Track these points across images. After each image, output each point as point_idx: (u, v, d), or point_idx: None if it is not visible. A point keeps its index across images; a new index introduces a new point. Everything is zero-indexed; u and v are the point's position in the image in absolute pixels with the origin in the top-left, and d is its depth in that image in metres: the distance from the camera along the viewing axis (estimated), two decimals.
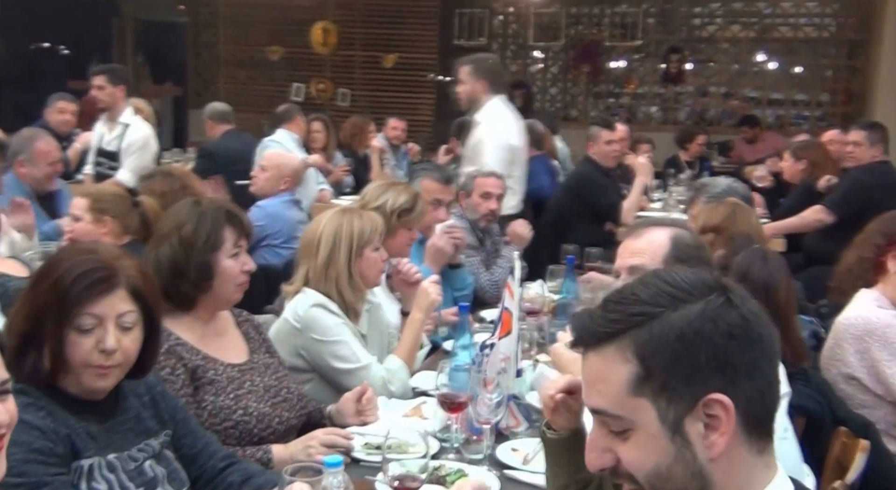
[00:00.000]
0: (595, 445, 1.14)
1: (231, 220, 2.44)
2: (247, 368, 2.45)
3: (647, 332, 1.08)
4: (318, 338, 2.77)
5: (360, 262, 2.86)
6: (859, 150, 5.27)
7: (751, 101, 10.51)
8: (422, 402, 2.65)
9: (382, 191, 3.43)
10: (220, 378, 2.37)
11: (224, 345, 2.46)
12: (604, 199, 5.65)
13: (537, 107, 10.95)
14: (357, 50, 10.81)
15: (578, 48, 10.74)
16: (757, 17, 10.32)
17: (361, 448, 2.35)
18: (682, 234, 2.30)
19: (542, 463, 2.25)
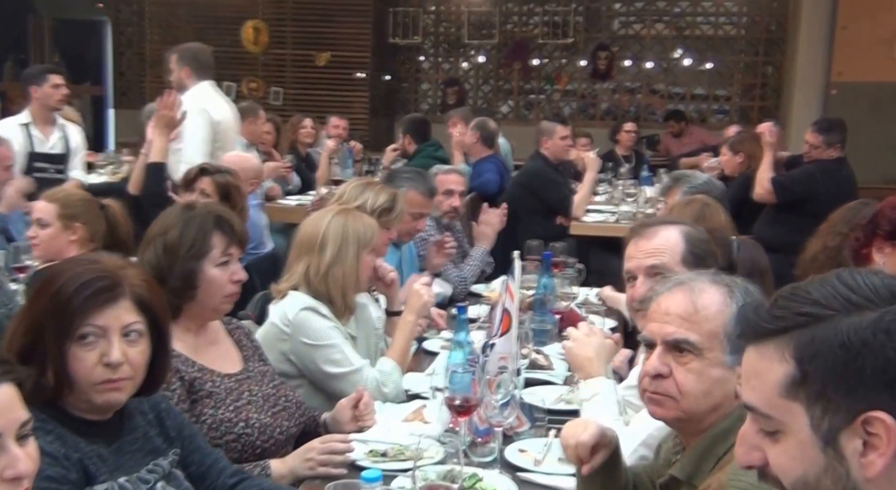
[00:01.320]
0: (745, 440, 1.11)
1: (220, 226, 2.35)
2: (243, 378, 2.38)
3: (809, 334, 1.02)
4: (309, 342, 2.72)
5: (360, 264, 2.83)
6: (816, 152, 5.45)
7: (675, 96, 10.73)
8: (421, 405, 2.60)
9: (361, 190, 3.40)
10: (219, 390, 2.29)
11: (218, 354, 2.39)
12: (556, 193, 5.72)
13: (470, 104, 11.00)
14: (288, 48, 10.67)
15: (509, 46, 10.80)
16: (679, 16, 10.54)
17: (366, 455, 2.30)
18: (692, 231, 2.32)
19: (553, 464, 2.27)
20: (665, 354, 1.65)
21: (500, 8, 10.45)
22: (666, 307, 1.67)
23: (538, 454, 2.31)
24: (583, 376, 2.31)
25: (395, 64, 11.22)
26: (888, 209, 2.76)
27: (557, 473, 2.22)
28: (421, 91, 11.47)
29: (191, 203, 2.47)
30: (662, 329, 1.66)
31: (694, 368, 1.62)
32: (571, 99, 11.06)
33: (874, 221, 2.74)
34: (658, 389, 1.64)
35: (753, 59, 10.51)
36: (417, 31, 10.22)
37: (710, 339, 1.62)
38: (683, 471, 1.64)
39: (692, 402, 1.62)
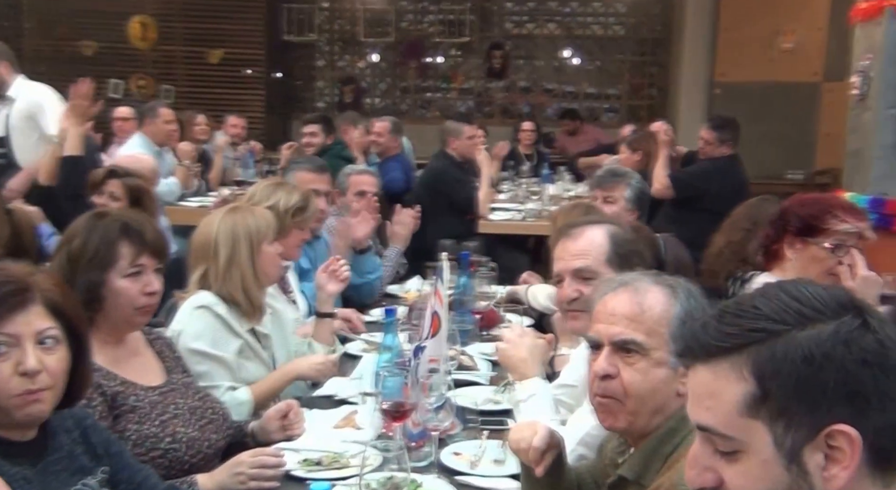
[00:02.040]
0: (696, 463, 1.07)
1: (128, 234, 2.23)
2: (167, 390, 2.29)
3: (768, 351, 1.00)
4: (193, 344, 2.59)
5: (260, 258, 2.76)
6: (709, 148, 5.63)
7: (568, 95, 10.95)
8: (352, 411, 2.56)
9: (272, 191, 3.33)
10: (143, 404, 2.19)
11: (140, 367, 2.29)
12: (462, 192, 5.74)
13: (367, 102, 10.95)
14: (178, 45, 10.36)
15: (405, 44, 10.79)
16: (569, 16, 10.76)
17: (300, 465, 2.25)
18: (618, 231, 2.35)
19: (489, 466, 2.27)
20: (612, 355, 1.66)
21: (395, 6, 10.42)
22: (612, 308, 1.68)
23: (473, 456, 2.31)
24: (518, 377, 2.31)
25: (289, 61, 11.05)
26: (796, 206, 2.88)
27: (494, 475, 2.22)
28: (317, 89, 11.34)
29: (102, 211, 2.35)
30: (609, 330, 1.67)
31: (640, 368, 1.65)
32: (468, 97, 11.14)
33: (783, 218, 2.85)
34: (606, 391, 1.66)
35: (641, 59, 10.82)
36: (312, 29, 10.08)
37: (655, 338, 1.65)
38: (632, 471, 1.67)
39: (638, 402, 1.64)
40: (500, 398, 2.75)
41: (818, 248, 2.73)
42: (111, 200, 3.92)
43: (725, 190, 5.25)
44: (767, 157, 8.45)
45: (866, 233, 2.79)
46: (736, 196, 5.57)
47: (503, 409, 2.66)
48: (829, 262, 2.71)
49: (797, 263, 2.75)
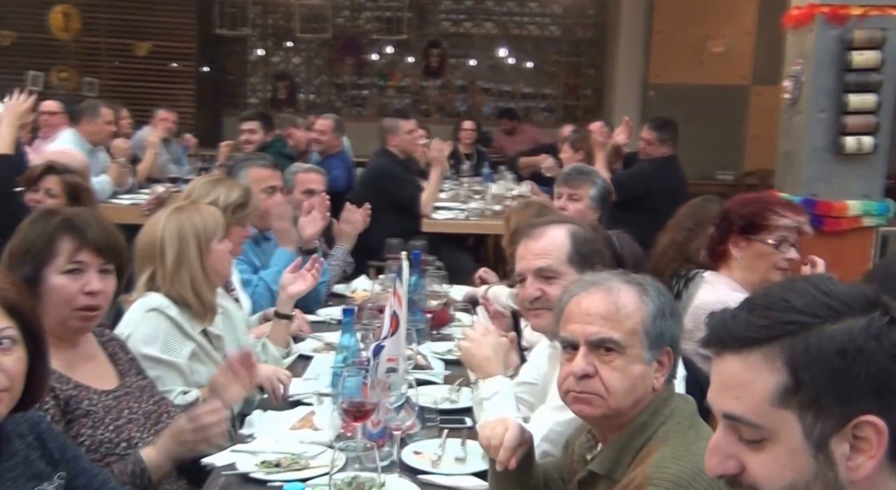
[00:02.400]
0: (719, 450, 1.09)
1: (71, 230, 2.14)
2: (121, 394, 2.22)
3: (802, 343, 1.03)
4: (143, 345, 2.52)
5: (210, 257, 2.71)
6: (650, 147, 5.73)
7: (505, 94, 11.02)
8: (310, 412, 2.53)
9: (211, 187, 3.28)
10: (96, 408, 2.12)
11: (93, 370, 2.22)
12: (406, 190, 5.70)
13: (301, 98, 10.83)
14: (103, 36, 10.07)
15: (341, 40, 10.71)
16: (506, 16, 10.82)
17: (258, 467, 2.21)
18: (578, 230, 2.37)
19: (451, 464, 2.27)
20: (589, 354, 1.68)
21: (331, 2, 10.32)
22: (587, 308, 1.70)
23: (434, 455, 2.30)
24: (482, 375, 2.31)
25: (221, 56, 10.85)
26: (737, 206, 2.97)
27: (457, 474, 2.22)
28: (249, 85, 11.16)
29: (55, 209, 2.26)
30: (585, 329, 1.69)
31: (618, 366, 1.67)
32: (404, 95, 11.11)
33: (726, 219, 2.93)
34: (586, 389, 1.67)
35: (576, 60, 10.95)
36: (245, 23, 9.92)
37: (631, 336, 1.67)
38: (602, 466, 1.69)
39: (619, 399, 1.66)
40: (455, 397, 2.76)
41: (762, 245, 2.83)
42: (48, 197, 3.79)
43: (665, 190, 5.35)
44: (699, 158, 8.64)
45: (804, 227, 2.91)
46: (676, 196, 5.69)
47: (461, 407, 2.66)
48: (774, 257, 2.82)
49: (743, 261, 2.84)
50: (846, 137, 4.71)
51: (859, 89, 4.71)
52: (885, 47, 4.69)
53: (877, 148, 4.73)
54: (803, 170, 4.88)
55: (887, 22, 4.71)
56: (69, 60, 9.95)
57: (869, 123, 4.71)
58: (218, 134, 10.07)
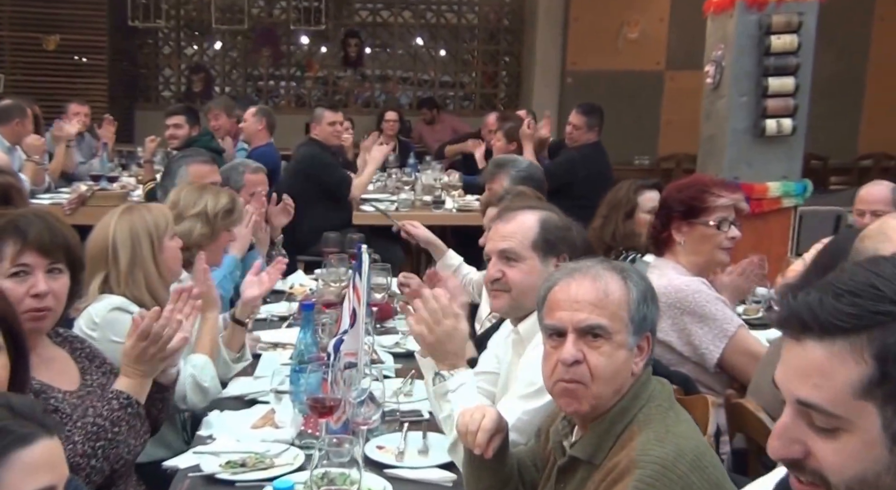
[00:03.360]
0: (784, 434, 1.06)
1: (13, 232, 2.08)
2: (84, 394, 2.17)
3: (893, 335, 0.99)
4: (118, 340, 2.47)
5: (163, 255, 2.69)
6: (577, 133, 5.80)
7: (424, 83, 11.01)
8: (270, 410, 2.50)
9: (198, 195, 3.23)
10: (63, 406, 2.07)
11: (55, 372, 2.16)
12: (333, 175, 5.67)
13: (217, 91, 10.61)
14: (5, 30, 9.67)
15: (257, 31, 10.53)
16: (424, 5, 10.81)
17: (223, 467, 2.19)
18: (550, 217, 2.40)
19: (415, 457, 2.28)
20: (578, 341, 1.70)
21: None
22: (575, 294, 1.72)
23: (397, 449, 2.31)
24: (447, 367, 2.32)
25: (132, 49, 10.55)
26: (674, 192, 3.02)
27: (422, 466, 2.24)
28: (162, 78, 10.89)
29: (3, 211, 2.19)
30: (574, 316, 1.71)
31: (605, 352, 1.70)
32: (322, 86, 11.01)
33: (665, 206, 2.98)
34: (574, 376, 1.69)
35: (493, 48, 11.01)
36: (160, 14, 9.65)
37: (617, 322, 1.70)
38: (585, 451, 1.71)
39: (602, 385, 1.69)
40: (410, 390, 2.77)
41: (704, 227, 2.87)
42: None
43: (593, 176, 5.45)
44: (616, 143, 8.76)
45: (741, 204, 2.98)
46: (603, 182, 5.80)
47: (416, 400, 2.68)
48: (717, 237, 2.86)
49: (687, 246, 2.89)
50: (767, 120, 4.89)
51: (778, 73, 4.89)
52: (801, 31, 4.88)
53: (795, 130, 4.91)
54: (726, 153, 5.05)
55: (803, 7, 4.90)
56: None
57: (788, 106, 4.90)
58: (131, 129, 9.81)
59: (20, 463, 1.14)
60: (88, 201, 5.34)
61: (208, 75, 10.65)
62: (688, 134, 8.65)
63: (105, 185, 5.60)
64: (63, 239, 2.18)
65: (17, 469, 1.14)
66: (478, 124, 8.62)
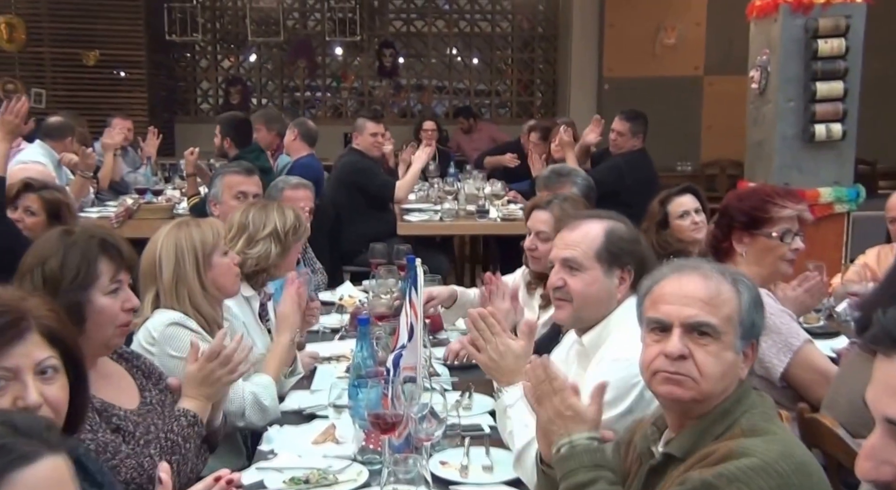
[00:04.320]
0: (874, 455, 1.05)
1: (107, 250, 2.12)
2: (144, 412, 2.18)
3: None
4: (177, 354, 2.53)
5: (211, 271, 2.68)
6: (622, 139, 5.75)
7: (460, 92, 11.00)
8: (330, 425, 2.49)
9: (266, 214, 3.18)
10: (125, 424, 2.08)
11: (115, 389, 2.17)
12: (376, 180, 5.67)
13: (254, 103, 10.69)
14: (48, 46, 9.82)
15: (293, 43, 10.59)
16: (458, 14, 10.81)
17: (287, 484, 2.18)
18: (618, 227, 2.37)
19: (480, 474, 2.26)
20: (684, 336, 1.67)
21: (282, 4, 10.20)
22: (685, 290, 1.70)
23: (461, 465, 2.29)
24: (504, 383, 2.30)
25: (171, 62, 10.66)
26: (735, 201, 2.95)
27: (487, 483, 2.21)
28: (201, 90, 10.98)
29: (69, 228, 2.21)
30: (682, 311, 1.68)
31: (712, 351, 1.67)
32: (359, 96, 11.04)
33: (726, 216, 2.92)
34: (680, 370, 1.66)
35: (529, 56, 10.98)
36: (196, 28, 9.75)
37: (726, 323, 1.67)
38: (682, 448, 1.68)
39: (711, 383, 1.66)
40: (468, 403, 2.74)
41: (766, 239, 2.81)
42: (27, 215, 3.69)
43: (640, 184, 5.39)
44: (657, 150, 8.68)
45: (805, 214, 2.89)
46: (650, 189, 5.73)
47: (476, 414, 2.65)
48: (780, 249, 2.80)
49: (749, 257, 2.82)
50: (816, 125, 4.81)
51: (826, 77, 4.81)
52: (849, 34, 4.80)
53: (845, 135, 4.83)
54: (774, 158, 4.97)
55: (851, 9, 4.82)
56: (15, 72, 9.67)
57: (837, 111, 4.82)
58: (171, 141, 9.90)
59: (22, 483, 1.10)
60: (135, 214, 5.40)
61: (245, 88, 10.73)
62: (730, 139, 8.58)
63: (150, 198, 5.65)
64: (136, 256, 2.26)
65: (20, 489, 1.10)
66: (516, 133, 8.61)
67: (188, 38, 9.81)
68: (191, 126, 10.37)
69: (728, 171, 8.78)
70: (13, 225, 3.56)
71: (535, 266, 3.31)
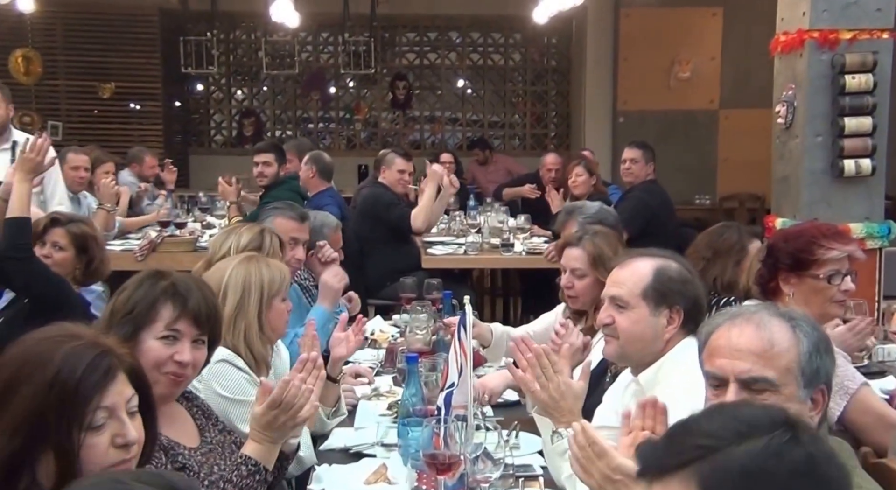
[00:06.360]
0: None
1: (174, 296, 2.09)
2: (206, 451, 2.16)
3: (709, 466, 1.05)
4: (224, 394, 2.52)
5: (270, 313, 2.66)
6: (636, 167, 5.72)
7: (473, 124, 11.03)
8: (381, 465, 2.44)
9: (224, 238, 3.26)
10: (190, 463, 2.05)
11: (177, 429, 2.14)
12: (394, 211, 5.60)
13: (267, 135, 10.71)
14: (62, 79, 9.88)
15: (307, 76, 10.65)
16: (470, 47, 10.88)
17: None
18: (668, 267, 2.34)
19: None
20: (741, 391, 1.63)
21: (296, 37, 10.26)
22: (737, 343, 1.65)
23: None
24: (564, 424, 2.26)
25: (184, 94, 10.71)
26: (781, 243, 2.89)
27: None
28: (215, 122, 11.02)
29: (161, 272, 2.19)
30: (735, 366, 1.64)
31: None
32: (372, 129, 11.08)
33: (772, 256, 2.85)
34: None
35: (542, 88, 11.02)
36: (212, 61, 9.81)
37: (785, 374, 1.63)
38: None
39: None
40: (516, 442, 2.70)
41: (813, 281, 2.73)
42: (55, 250, 3.67)
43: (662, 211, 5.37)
44: (673, 182, 8.72)
45: (857, 254, 2.82)
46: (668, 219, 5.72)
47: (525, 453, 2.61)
48: (829, 291, 2.72)
49: (797, 297, 2.73)
50: (844, 160, 4.79)
51: (854, 112, 4.80)
52: (876, 70, 4.79)
53: (875, 170, 4.81)
54: (802, 193, 4.94)
55: (877, 45, 4.82)
56: (32, 104, 9.71)
57: (866, 146, 4.80)
58: (186, 173, 9.91)
59: None
60: (158, 247, 5.39)
61: (258, 120, 10.76)
62: (747, 172, 8.61)
63: (173, 230, 5.63)
64: (215, 313, 2.20)
65: None
66: (530, 164, 8.61)
67: (203, 70, 9.86)
68: (205, 158, 10.40)
69: (747, 204, 8.78)
70: (42, 266, 3.53)
71: (574, 304, 3.28)
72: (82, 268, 3.68)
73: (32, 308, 3.44)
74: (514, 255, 5.54)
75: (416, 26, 10.78)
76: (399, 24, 10.74)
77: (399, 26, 10.78)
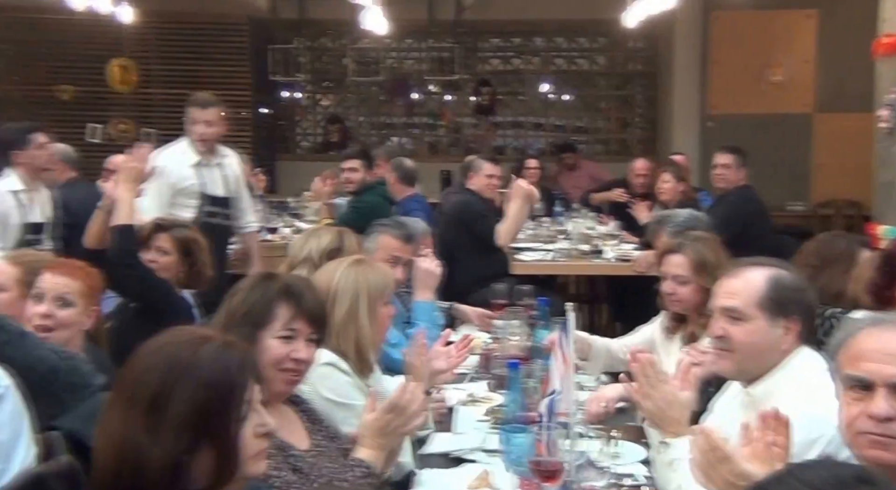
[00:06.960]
0: None
1: (289, 296, 2.15)
2: (316, 454, 2.19)
3: None
4: (331, 397, 2.54)
5: (377, 318, 2.67)
6: (728, 172, 5.60)
7: (557, 129, 10.96)
8: (484, 471, 2.44)
9: (304, 241, 3.33)
10: (302, 465, 2.08)
11: (289, 429, 2.19)
12: (482, 221, 5.57)
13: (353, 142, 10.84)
14: (156, 87, 10.18)
15: (391, 82, 10.75)
16: (555, 52, 10.81)
17: None
18: (782, 275, 2.28)
19: None
20: (890, 397, 1.58)
21: (381, 44, 10.37)
22: (889, 346, 1.61)
23: None
24: (671, 434, 2.22)
25: (273, 101, 10.92)
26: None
27: None
28: (301, 129, 11.21)
29: (272, 274, 2.25)
30: (885, 370, 1.59)
31: None
32: (456, 135, 11.11)
33: (889, 264, 2.78)
34: (887, 432, 1.58)
35: (628, 93, 10.89)
36: (299, 68, 10.00)
37: None
38: None
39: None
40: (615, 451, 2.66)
41: None
42: (160, 255, 3.75)
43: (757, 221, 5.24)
44: (766, 188, 8.47)
45: None
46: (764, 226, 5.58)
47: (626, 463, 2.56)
48: None
49: None
50: None
51: None
52: None
53: None
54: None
55: None
56: (127, 112, 10.04)
57: None
58: (274, 179, 10.09)
59: None
60: None
61: (344, 126, 10.90)
62: (845, 178, 8.34)
63: (265, 235, 5.74)
64: (325, 313, 2.26)
65: None
66: (615, 170, 8.51)
67: (291, 78, 10.05)
68: (292, 164, 10.57)
69: (844, 211, 8.51)
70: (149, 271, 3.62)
71: (675, 307, 3.24)
72: (186, 271, 3.77)
73: (141, 312, 3.53)
74: (604, 261, 5.48)
75: (501, 32, 10.78)
76: (483, 30, 10.75)
77: (483, 32, 10.79)
